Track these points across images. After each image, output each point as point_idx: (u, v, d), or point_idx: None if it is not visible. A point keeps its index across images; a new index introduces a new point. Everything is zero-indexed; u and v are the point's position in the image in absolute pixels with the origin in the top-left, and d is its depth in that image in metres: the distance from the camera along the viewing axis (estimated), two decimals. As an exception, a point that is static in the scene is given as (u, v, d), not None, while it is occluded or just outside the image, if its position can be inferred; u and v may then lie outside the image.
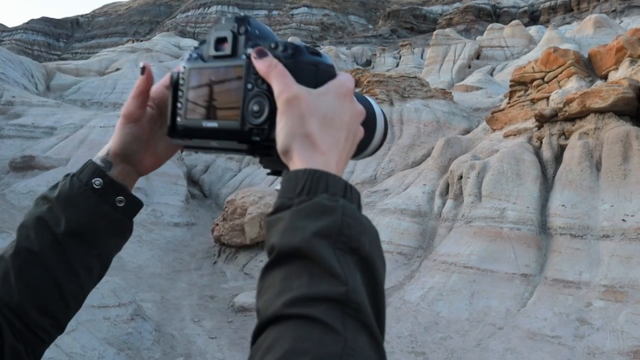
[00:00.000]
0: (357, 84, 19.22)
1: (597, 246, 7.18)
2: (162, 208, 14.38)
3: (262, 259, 10.88)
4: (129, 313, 7.12)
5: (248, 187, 14.73)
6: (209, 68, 0.76)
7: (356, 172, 15.24)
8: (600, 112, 8.34)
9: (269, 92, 0.69)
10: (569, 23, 43.45)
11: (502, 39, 36.41)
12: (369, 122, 0.79)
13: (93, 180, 0.81)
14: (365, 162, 15.60)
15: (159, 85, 0.84)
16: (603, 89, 8.22)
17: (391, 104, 17.75)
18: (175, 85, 0.80)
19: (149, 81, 0.83)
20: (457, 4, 73.14)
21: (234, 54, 0.74)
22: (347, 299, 0.52)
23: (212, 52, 0.76)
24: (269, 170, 0.78)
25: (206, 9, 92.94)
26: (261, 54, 0.69)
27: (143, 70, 0.84)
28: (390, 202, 10.72)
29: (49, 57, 79.18)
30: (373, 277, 0.57)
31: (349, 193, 0.61)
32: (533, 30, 39.35)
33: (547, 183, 8.59)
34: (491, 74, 28.34)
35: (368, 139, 0.80)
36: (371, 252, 0.58)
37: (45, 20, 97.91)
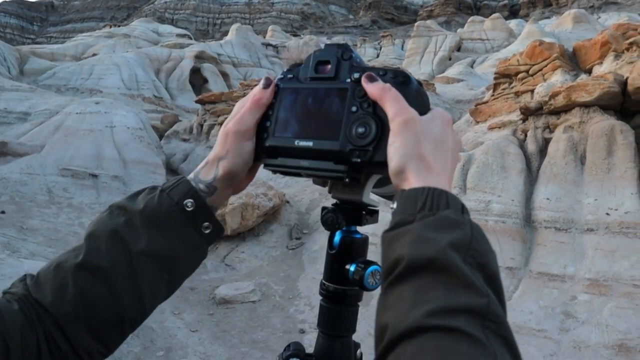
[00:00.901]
0: (340, 74, 19.10)
1: (582, 240, 7.20)
2: None
3: (244, 250, 10.75)
4: (107, 306, 6.91)
5: (229, 177, 14.53)
6: (306, 88, 0.77)
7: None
8: (586, 106, 8.35)
9: (376, 115, 0.70)
10: (548, 17, 43.88)
11: (482, 32, 36.58)
12: None
13: (185, 202, 0.73)
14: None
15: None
16: (589, 82, 8.23)
17: (374, 94, 17.66)
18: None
19: (271, 96, 0.79)
20: (437, -4, 73.22)
21: (336, 77, 0.75)
22: (489, 311, 0.50)
23: (312, 74, 0.77)
24: (332, 202, 0.81)
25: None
26: (372, 79, 0.71)
27: (268, 83, 0.79)
28: (374, 195, 10.65)
29: (22, 40, 77.14)
30: (499, 296, 0.55)
31: (467, 212, 0.62)
32: (513, 23, 39.65)
33: (531, 176, 8.59)
34: (472, 66, 28.44)
35: None
36: (497, 271, 0.58)
37: (18, 2, 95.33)
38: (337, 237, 0.82)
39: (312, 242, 10.74)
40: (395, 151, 0.65)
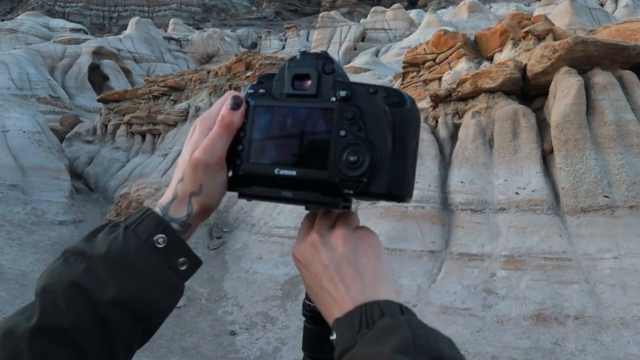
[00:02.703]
0: (249, 67, 18.84)
1: (496, 219, 7.60)
2: (43, 206, 13.10)
3: (163, 253, 10.34)
4: (18, 327, 6.36)
5: (140, 179, 13.90)
6: (283, 107, 0.67)
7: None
8: (491, 91, 8.79)
9: (368, 141, 0.62)
10: (444, 7, 45.92)
11: (385, 22, 37.58)
12: None
13: (155, 237, 0.64)
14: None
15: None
16: (492, 69, 8.67)
17: (285, 87, 17.60)
18: None
19: (242, 118, 0.70)
20: (339, -13, 74.23)
21: (318, 94, 0.66)
22: None
23: (289, 90, 0.67)
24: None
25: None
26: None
27: (237, 102, 0.68)
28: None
29: None
30: None
31: (407, 311, 0.61)
32: (413, 13, 41.10)
33: (445, 161, 8.94)
34: (377, 56, 29.15)
35: None
36: (456, 356, 0.56)
37: None
38: None
39: (233, 241, 10.55)
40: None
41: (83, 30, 39.24)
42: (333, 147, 0.63)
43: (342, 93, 0.64)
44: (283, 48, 43.45)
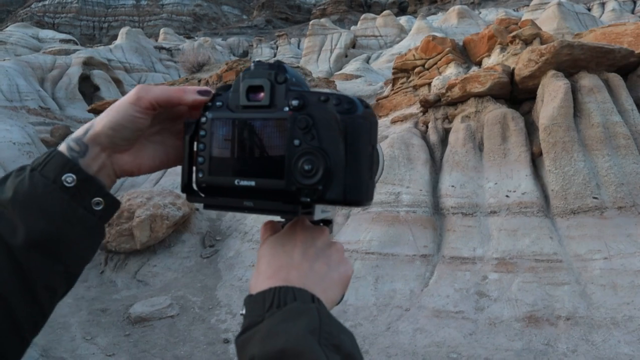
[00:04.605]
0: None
1: (487, 222, 7.64)
2: None
3: (156, 263, 10.30)
4: (9, 339, 6.31)
5: (131, 189, 13.85)
6: (239, 119, 0.69)
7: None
8: (479, 96, 8.87)
9: (322, 149, 0.64)
10: (434, 13, 46.25)
11: (375, 29, 37.80)
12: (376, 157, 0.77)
13: (64, 177, 0.63)
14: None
15: (176, 96, 0.72)
16: (481, 74, 8.74)
17: (276, 94, 17.63)
18: (192, 135, 0.72)
19: (195, 103, 0.72)
20: (329, -5, 74.65)
21: (271, 105, 0.68)
22: None
23: (244, 102, 0.69)
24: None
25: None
26: None
27: (205, 91, 0.72)
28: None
29: None
30: None
31: (317, 301, 0.62)
32: (403, 20, 41.36)
33: (436, 166, 8.99)
34: (367, 62, 29.30)
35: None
36: (353, 351, 0.58)
37: None
38: None
39: (226, 249, 10.53)
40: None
41: (73, 41, 39.16)
42: (288, 157, 0.65)
43: (295, 102, 0.65)
44: (274, 56, 43.63)
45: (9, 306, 0.58)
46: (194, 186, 0.72)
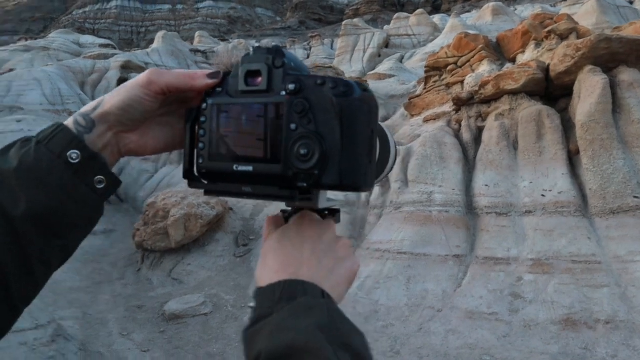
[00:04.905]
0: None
1: (522, 222, 7.47)
2: None
3: (190, 262, 10.46)
4: (49, 335, 6.51)
5: (167, 189, 14.11)
6: (238, 104, 0.68)
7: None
8: (514, 93, 8.68)
9: (318, 133, 0.63)
10: (468, 11, 45.56)
11: (408, 28, 37.48)
12: (384, 146, 0.77)
13: (69, 153, 0.62)
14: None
15: (185, 81, 0.72)
16: (515, 71, 8.56)
17: (309, 95, 17.69)
18: (193, 122, 0.72)
19: (207, 87, 0.71)
20: (362, -5, 74.50)
21: (269, 89, 0.67)
22: None
23: (243, 87, 0.69)
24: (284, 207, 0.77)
25: (105, 3, 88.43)
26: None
27: (214, 74, 0.72)
28: (333, 193, 10.74)
29: None
30: None
31: (327, 296, 0.61)
32: (437, 18, 40.88)
33: (469, 164, 8.85)
34: (401, 62, 29.07)
35: (383, 162, 0.78)
36: (363, 350, 0.57)
37: None
38: None
39: (259, 248, 10.56)
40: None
41: (111, 45, 40.20)
42: (285, 141, 0.64)
43: (291, 86, 0.65)
44: (308, 57, 43.73)
45: (4, 276, 0.59)
46: (195, 172, 0.72)
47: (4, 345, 5.93)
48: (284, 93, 0.65)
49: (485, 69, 10.13)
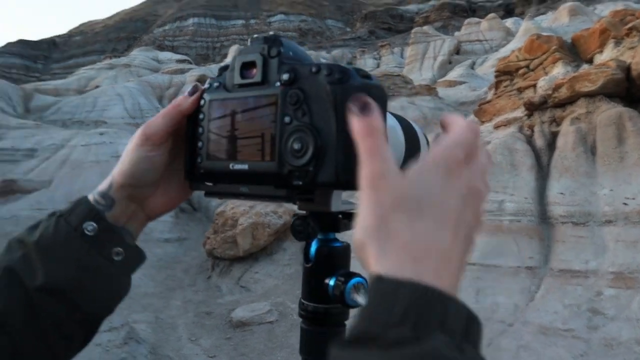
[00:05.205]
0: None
1: (601, 232, 7.01)
2: (151, 224, 13.67)
3: (257, 270, 10.64)
4: (122, 337, 6.81)
5: (237, 198, 14.47)
6: (234, 99, 0.64)
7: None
8: (590, 95, 8.20)
9: (312, 125, 0.57)
10: (543, 13, 43.78)
11: (480, 33, 36.58)
12: (415, 140, 0.70)
13: (85, 225, 0.62)
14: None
15: (179, 112, 0.68)
16: (592, 71, 8.09)
17: (376, 103, 17.65)
18: (194, 120, 0.68)
19: (193, 106, 0.67)
20: (432, 2, 73.71)
21: (264, 81, 0.62)
22: None
23: (238, 80, 0.64)
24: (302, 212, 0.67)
25: (183, 21, 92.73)
26: (365, 110, 0.47)
27: (193, 90, 0.67)
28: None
29: (28, 79, 78.15)
30: None
31: (473, 329, 0.38)
32: (510, 22, 39.63)
33: (542, 171, 8.43)
34: (472, 68, 28.37)
35: (414, 158, 0.65)
36: None
37: (22, 42, 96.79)
38: (313, 247, 0.68)
39: (325, 257, 10.60)
40: (357, 221, 0.44)
41: (187, 61, 42.02)
42: (279, 136, 0.58)
43: (285, 76, 0.59)
44: (378, 66, 43.67)
45: (21, 351, 0.58)
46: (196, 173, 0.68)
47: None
48: (278, 84, 0.60)
49: (559, 71, 9.64)
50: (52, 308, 0.59)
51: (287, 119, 0.58)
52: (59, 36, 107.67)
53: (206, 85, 0.69)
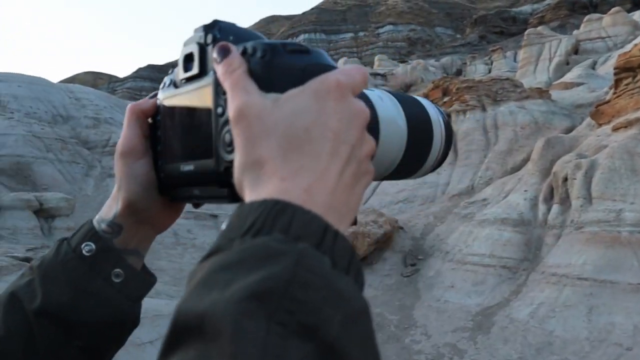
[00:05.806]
0: (446, 92, 18.64)
1: None
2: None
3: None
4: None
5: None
6: (179, 95, 0.60)
7: (452, 184, 14.61)
8: None
9: None
10: (679, 3, 39.60)
11: (602, 30, 33.94)
12: (426, 130, 0.64)
13: (83, 245, 0.59)
14: (461, 172, 14.96)
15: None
16: None
17: (483, 109, 16.97)
18: (154, 122, 0.64)
19: (152, 106, 0.63)
20: (548, 1, 69.67)
21: (202, 72, 0.57)
22: None
23: (182, 75, 0.59)
24: None
25: (294, 38, 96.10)
26: (224, 53, 0.49)
27: (155, 93, 0.65)
28: (490, 212, 10.15)
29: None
30: None
31: (328, 240, 0.37)
32: (637, 15, 36.31)
33: (670, 178, 7.57)
34: (593, 68, 26.33)
35: (424, 150, 0.64)
36: (344, 338, 0.32)
37: (150, 67, 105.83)
38: None
39: (427, 268, 10.33)
40: (235, 162, 0.45)
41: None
42: (214, 130, 0.53)
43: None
44: (489, 72, 42.12)
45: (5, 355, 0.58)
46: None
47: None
48: (212, 73, 0.55)
49: (691, 65, 8.62)
50: (50, 333, 0.58)
51: (219, 110, 0.53)
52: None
53: (162, 85, 0.66)
